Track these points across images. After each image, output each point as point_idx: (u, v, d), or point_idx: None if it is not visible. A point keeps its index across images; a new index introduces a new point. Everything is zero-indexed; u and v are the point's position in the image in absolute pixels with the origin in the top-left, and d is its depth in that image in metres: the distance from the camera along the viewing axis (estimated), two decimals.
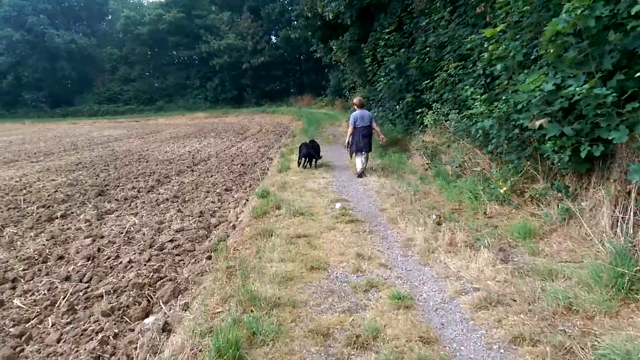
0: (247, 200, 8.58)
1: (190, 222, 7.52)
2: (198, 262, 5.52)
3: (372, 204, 7.37)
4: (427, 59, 12.00)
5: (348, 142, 10.27)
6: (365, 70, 17.73)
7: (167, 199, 9.28)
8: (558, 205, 5.16)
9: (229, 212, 7.93)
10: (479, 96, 7.12)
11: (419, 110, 11.12)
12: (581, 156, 4.83)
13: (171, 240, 6.47)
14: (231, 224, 7.00)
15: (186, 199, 9.23)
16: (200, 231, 6.92)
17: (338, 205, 7.14)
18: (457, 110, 9.75)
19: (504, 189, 6.07)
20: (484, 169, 7.32)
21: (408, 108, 12.48)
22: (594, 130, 4.86)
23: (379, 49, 14.14)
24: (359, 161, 10.05)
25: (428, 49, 11.96)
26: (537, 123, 5.23)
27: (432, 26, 11.96)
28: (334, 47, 18.68)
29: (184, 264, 5.62)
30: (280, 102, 48.12)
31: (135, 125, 39.77)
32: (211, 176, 12.00)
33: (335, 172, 10.82)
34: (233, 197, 9.10)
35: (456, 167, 8.03)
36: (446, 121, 9.97)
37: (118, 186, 10.86)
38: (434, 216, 6.01)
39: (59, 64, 53.08)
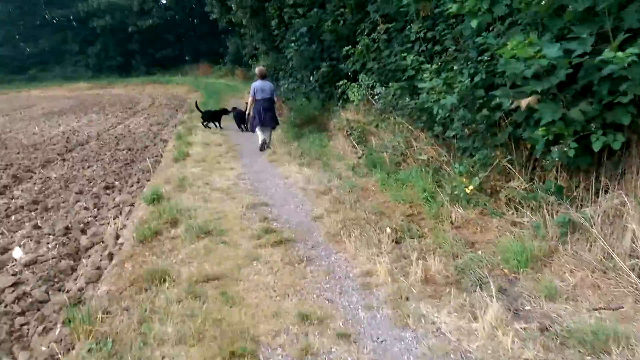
0: (133, 205, 6.55)
1: (50, 245, 5.41)
2: (48, 330, 3.59)
3: (301, 208, 5.77)
4: (343, 21, 10.45)
5: (248, 115, 10.02)
6: (271, 35, 15.79)
7: (23, 206, 6.93)
8: (554, 213, 3.93)
9: (107, 225, 5.89)
10: (427, 66, 5.67)
11: (339, 82, 9.63)
12: (594, 149, 3.61)
13: (14, 285, 4.40)
14: (107, 251, 5.02)
15: (49, 205, 6.95)
16: (62, 262, 4.89)
17: None
18: (385, 83, 8.40)
19: (470, 187, 4.78)
20: (431, 157, 6.02)
21: (324, 80, 10.93)
22: (603, 112, 3.66)
23: (285, 9, 12.30)
24: (260, 134, 9.70)
25: (343, 9, 10.39)
26: (524, 103, 3.93)
27: None
28: (232, 5, 16.36)
29: (27, 333, 3.67)
30: (175, 71, 43.94)
31: (2, 99, 34.10)
32: (88, 167, 9.61)
33: (245, 159, 9.05)
34: (114, 200, 6.98)
35: (394, 155, 6.67)
36: (372, 96, 8.59)
37: None
38: (389, 230, 4.57)
39: None
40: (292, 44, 11.28)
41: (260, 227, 4.94)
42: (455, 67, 5.55)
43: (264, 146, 9.60)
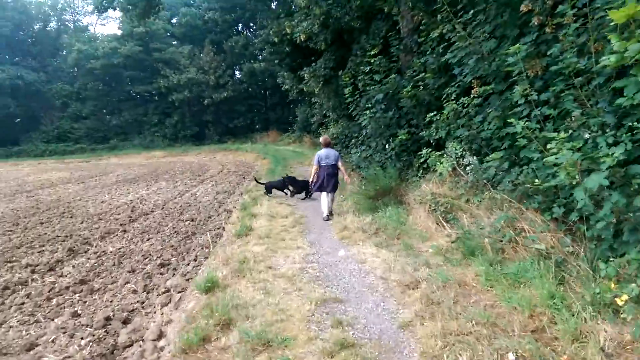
0: (185, 290, 5.61)
1: (84, 340, 4.52)
2: None
3: (383, 308, 4.53)
4: (423, 86, 9.56)
5: (312, 182, 10.01)
6: (342, 103, 15.27)
7: (68, 287, 6.22)
8: None
9: (152, 318, 4.95)
10: (553, 134, 4.41)
11: (420, 151, 8.60)
12: None
13: None
14: (144, 353, 4.01)
15: (96, 287, 6.19)
16: None
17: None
18: (476, 152, 7.27)
19: (623, 298, 3.40)
20: (551, 247, 4.66)
21: (401, 148, 9.92)
22: None
23: (360, 76, 11.66)
24: (324, 202, 9.65)
25: (424, 74, 9.52)
26: None
27: (430, 46, 9.56)
28: (305, 75, 16.13)
29: None
30: (245, 139, 45.23)
31: (83, 166, 36.12)
32: (147, 240, 8.98)
33: (312, 234, 8.02)
34: (166, 283, 6.09)
35: (497, 240, 5.34)
36: (461, 167, 7.43)
37: (9, 262, 7.67)
38: (512, 357, 3.25)
39: (2, 100, 48.79)
40: (367, 111, 10.48)
41: (332, 338, 3.75)
42: (587, 136, 4.31)
43: (329, 218, 9.49)
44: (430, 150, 8.28)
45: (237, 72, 53.02)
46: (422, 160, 8.82)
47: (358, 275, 5.50)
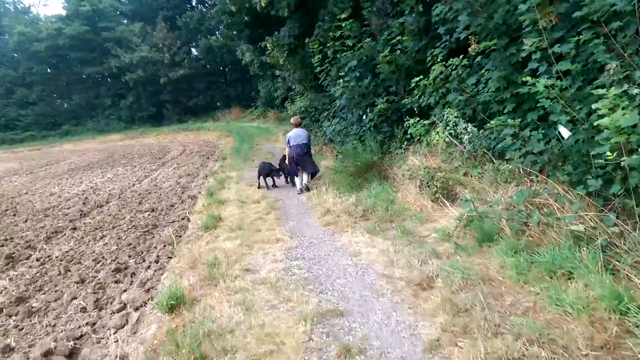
0: (144, 306, 4.60)
1: None
2: None
3: (397, 320, 3.60)
4: (401, 50, 8.61)
5: (283, 164, 10.03)
6: (309, 73, 14.22)
7: (1, 309, 5.12)
8: None
9: (105, 347, 3.95)
10: (601, 91, 3.51)
11: (400, 120, 7.80)
12: None
13: None
14: None
15: (36, 307, 5.12)
16: None
17: None
18: (472, 119, 6.48)
19: None
20: (592, 229, 3.87)
21: (381, 118, 9.02)
22: None
23: (329, 42, 10.59)
24: (298, 180, 9.73)
25: (401, 37, 8.56)
26: None
27: (409, 4, 8.59)
28: (268, 45, 14.86)
29: None
30: (206, 118, 43.35)
31: (33, 155, 33.76)
32: (100, 238, 7.86)
33: (291, 221, 7.10)
34: (121, 298, 5.05)
35: (519, 221, 4.54)
36: (455, 136, 6.64)
37: None
38: None
39: None
40: (340, 81, 9.48)
41: None
42: (636, 91, 3.50)
43: (302, 190, 9.44)
44: (416, 119, 7.42)
45: (193, 49, 50.42)
46: (405, 130, 8.01)
47: (355, 274, 4.61)
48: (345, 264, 4.87)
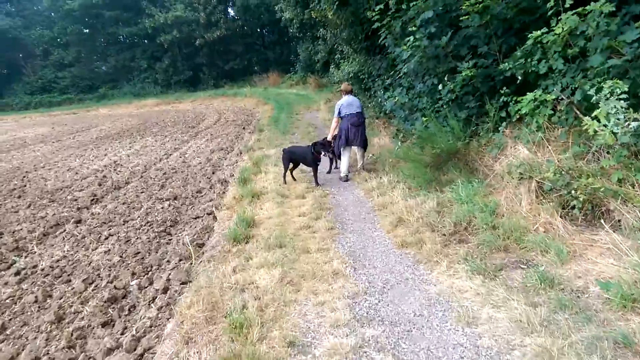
0: None
1: None
2: None
3: None
4: None
5: (332, 141, 8.18)
6: (360, 32, 12.00)
7: None
8: None
9: None
10: None
11: (493, 93, 5.71)
12: None
13: None
14: None
15: None
16: None
17: None
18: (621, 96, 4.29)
19: None
20: None
21: (465, 89, 6.83)
22: None
23: None
24: (345, 161, 8.09)
25: None
26: None
27: None
28: None
29: None
30: (243, 83, 41.42)
31: (68, 119, 33.00)
32: (105, 239, 6.21)
33: (349, 234, 5.14)
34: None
35: None
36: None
37: None
38: None
39: None
40: (409, 39, 7.28)
41: None
42: None
43: (347, 177, 8.03)
44: (536, 95, 5.27)
45: (229, 9, 48.15)
46: (502, 106, 5.92)
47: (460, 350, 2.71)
48: (456, 344, 2.92)
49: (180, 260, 5.16)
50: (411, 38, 7.27)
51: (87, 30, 48.32)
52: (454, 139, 6.39)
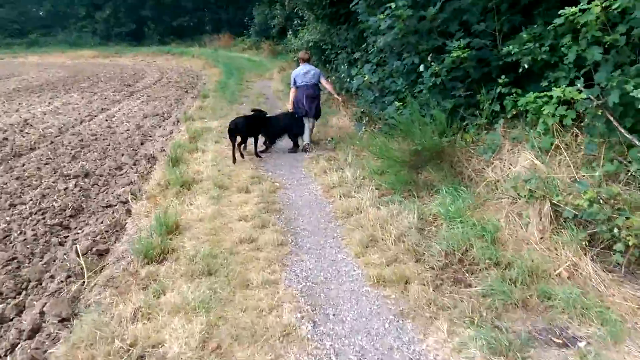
0: None
1: None
2: None
3: None
4: None
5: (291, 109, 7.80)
6: None
7: None
8: None
9: None
10: None
11: (487, 81, 4.63)
12: None
13: None
14: None
15: None
16: None
17: None
18: None
19: None
20: None
21: (453, 73, 5.61)
22: None
23: None
24: (306, 130, 7.72)
25: None
26: None
27: None
28: None
29: None
30: (191, 42, 38.56)
31: None
32: None
33: (308, 257, 3.85)
34: None
35: None
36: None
37: None
38: None
39: None
40: (392, 5, 5.95)
41: None
42: None
43: (307, 149, 7.63)
44: (551, 90, 4.15)
45: None
46: (496, 98, 4.83)
47: None
48: None
49: (68, 277, 3.71)
50: (392, 4, 5.95)
51: None
52: (436, 132, 5.20)
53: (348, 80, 9.30)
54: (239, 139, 6.84)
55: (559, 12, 3.95)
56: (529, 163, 4.26)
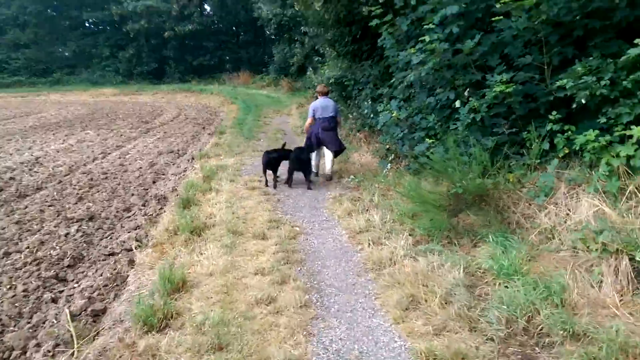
0: None
1: None
2: None
3: None
4: None
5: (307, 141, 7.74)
6: (346, 34, 10.24)
7: None
8: None
9: None
10: None
11: (536, 117, 4.15)
12: None
13: None
14: None
15: None
16: None
17: None
18: None
19: None
20: None
21: (495, 110, 5.05)
22: None
23: None
24: (314, 158, 7.73)
25: None
26: None
27: None
28: None
29: None
30: (211, 80, 38.98)
31: (14, 102, 29.82)
32: None
33: (340, 329, 3.21)
34: None
35: None
36: None
37: None
38: None
39: None
40: (425, 38, 5.48)
41: None
42: None
43: (321, 175, 7.78)
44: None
45: (205, 3, 45.60)
46: (547, 135, 4.26)
47: None
48: None
49: (56, 345, 3.14)
50: (426, 38, 5.50)
51: (48, 12, 44.74)
52: (476, 172, 4.60)
53: (371, 116, 8.83)
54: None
55: (628, 51, 3.43)
56: (596, 210, 3.63)
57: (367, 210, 5.64)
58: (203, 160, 9.24)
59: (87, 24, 46.61)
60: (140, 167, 9.21)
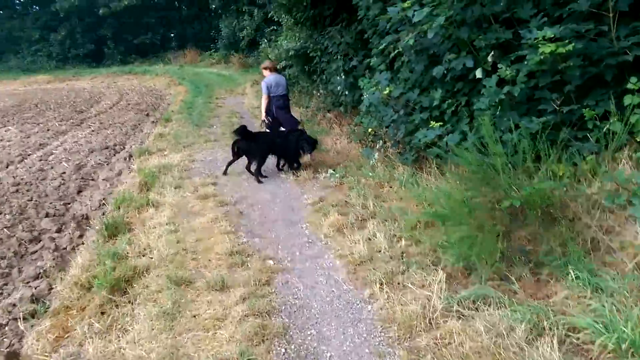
0: None
1: None
2: None
3: None
4: None
5: (265, 120, 7.30)
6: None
7: None
8: None
9: None
10: None
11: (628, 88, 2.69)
12: None
13: None
14: None
15: None
16: None
17: None
18: None
19: None
20: None
21: (534, 82, 3.64)
22: None
23: None
24: None
25: None
26: None
27: None
28: None
29: None
30: (156, 60, 36.15)
31: None
32: None
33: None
34: None
35: None
36: None
37: None
38: None
39: None
40: None
41: None
42: None
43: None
44: None
45: None
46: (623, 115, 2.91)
47: None
48: None
49: None
50: None
51: None
52: (527, 171, 3.18)
53: (345, 93, 7.30)
54: None
55: None
56: None
57: (364, 220, 4.20)
58: (143, 159, 7.50)
59: (10, 5, 42.15)
60: (64, 173, 7.38)
